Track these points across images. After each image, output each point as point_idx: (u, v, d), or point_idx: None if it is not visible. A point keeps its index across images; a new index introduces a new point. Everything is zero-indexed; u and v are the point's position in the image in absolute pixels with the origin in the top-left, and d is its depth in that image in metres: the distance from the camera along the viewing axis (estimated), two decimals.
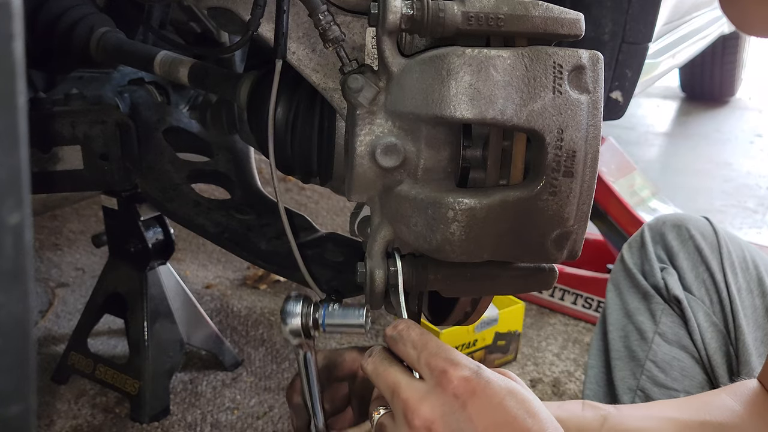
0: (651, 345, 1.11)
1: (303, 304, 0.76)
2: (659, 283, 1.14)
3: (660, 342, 1.10)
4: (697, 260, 1.13)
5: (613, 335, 1.17)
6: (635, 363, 1.12)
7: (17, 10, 0.27)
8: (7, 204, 0.28)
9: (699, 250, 1.13)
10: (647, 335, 1.12)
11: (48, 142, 1.27)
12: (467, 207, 0.70)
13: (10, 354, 0.31)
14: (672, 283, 1.12)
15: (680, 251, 1.14)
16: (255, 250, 1.22)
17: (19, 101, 0.28)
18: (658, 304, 1.13)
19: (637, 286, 1.16)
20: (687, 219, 1.19)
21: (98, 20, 1.28)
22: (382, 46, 0.72)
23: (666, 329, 1.11)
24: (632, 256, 1.20)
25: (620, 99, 1.30)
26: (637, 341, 1.13)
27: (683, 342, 1.09)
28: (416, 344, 0.65)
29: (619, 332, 1.16)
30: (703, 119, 4.73)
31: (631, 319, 1.15)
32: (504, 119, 0.68)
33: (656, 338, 1.11)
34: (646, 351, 1.10)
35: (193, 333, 1.74)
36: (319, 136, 0.97)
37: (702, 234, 1.15)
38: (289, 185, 3.08)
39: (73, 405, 1.66)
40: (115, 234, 1.64)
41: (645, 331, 1.12)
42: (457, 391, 0.59)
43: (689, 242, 1.15)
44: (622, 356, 1.15)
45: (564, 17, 0.71)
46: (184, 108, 1.49)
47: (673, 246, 1.15)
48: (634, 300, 1.16)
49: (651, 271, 1.15)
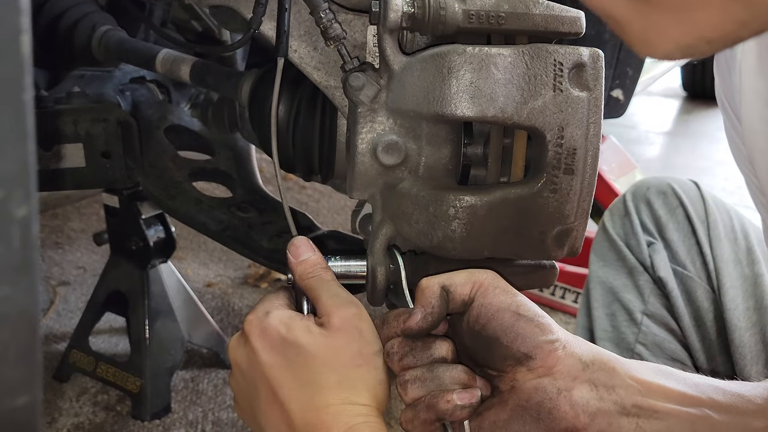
0: (640, 327, 1.06)
1: None
2: (646, 260, 1.08)
3: (649, 323, 1.06)
4: (687, 231, 1.07)
5: (598, 312, 1.11)
6: (624, 345, 1.07)
7: (25, 4, 0.27)
8: (15, 197, 0.28)
9: (689, 218, 1.07)
10: (636, 316, 1.07)
11: (50, 140, 1.27)
12: (468, 204, 0.70)
13: (18, 346, 0.31)
14: (658, 262, 1.06)
15: (669, 221, 1.08)
16: (257, 247, 1.23)
17: (26, 96, 0.28)
18: (647, 282, 1.08)
19: (623, 259, 1.10)
20: (674, 183, 1.12)
21: (100, 18, 1.28)
22: (383, 44, 0.72)
23: (654, 310, 1.06)
24: (615, 226, 1.13)
25: (621, 97, 1.31)
26: (626, 322, 1.08)
27: (671, 325, 1.05)
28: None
29: (606, 309, 1.11)
30: (705, 118, 4.73)
31: (617, 296, 1.09)
32: (505, 117, 0.69)
33: (645, 319, 1.06)
34: (636, 333, 1.06)
35: (195, 331, 1.74)
36: (320, 134, 0.97)
37: (690, 200, 1.09)
38: (290, 184, 3.09)
39: (74, 403, 1.66)
40: (116, 232, 1.64)
41: (633, 311, 1.07)
42: (245, 329, 0.70)
43: (678, 210, 1.09)
44: (609, 337, 1.09)
45: (565, 15, 0.72)
46: (185, 106, 1.49)
47: (661, 216, 1.09)
48: (619, 275, 1.10)
49: (637, 246, 1.09)
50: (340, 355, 0.66)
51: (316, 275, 0.72)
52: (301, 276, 0.73)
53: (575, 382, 0.65)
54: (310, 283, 0.72)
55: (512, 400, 0.66)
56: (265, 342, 0.68)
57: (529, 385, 0.66)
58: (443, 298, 0.67)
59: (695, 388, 0.67)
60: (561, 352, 0.66)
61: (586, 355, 0.67)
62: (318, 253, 0.74)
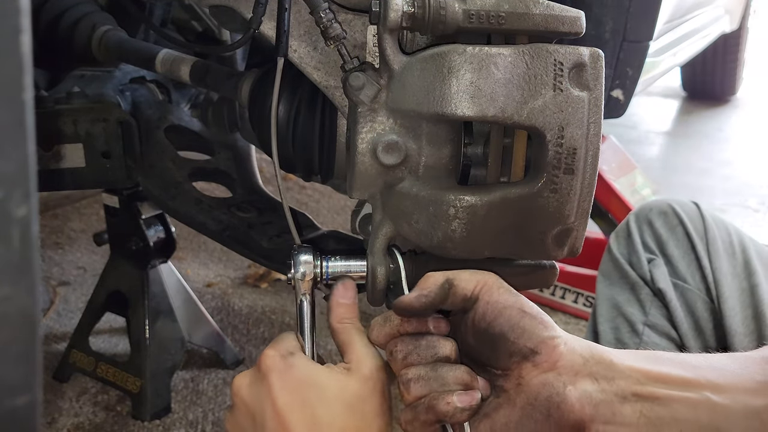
0: (642, 336, 1.10)
1: (311, 253, 0.77)
2: (646, 275, 1.13)
3: (650, 333, 1.10)
4: (687, 247, 1.11)
5: (603, 327, 1.16)
6: None
7: (25, 4, 0.27)
8: (15, 197, 0.28)
9: (689, 235, 1.11)
10: (637, 327, 1.11)
11: (50, 140, 1.27)
12: (468, 204, 0.70)
13: (18, 346, 0.31)
14: (658, 275, 1.11)
15: (669, 239, 1.13)
16: (256, 247, 1.23)
17: (26, 96, 0.28)
18: (647, 295, 1.12)
19: (626, 276, 1.15)
20: (674, 204, 1.17)
21: (100, 18, 1.28)
22: (383, 44, 0.72)
23: (655, 320, 1.10)
24: (619, 246, 1.19)
25: (621, 97, 1.31)
26: (628, 333, 1.12)
27: (671, 334, 1.09)
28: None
29: (610, 323, 1.15)
30: (705, 118, 4.73)
31: (621, 311, 1.14)
32: (505, 117, 0.69)
33: (646, 330, 1.10)
34: (638, 343, 1.09)
35: (195, 331, 1.74)
36: (320, 134, 0.97)
37: (690, 218, 1.13)
38: (289, 184, 3.09)
39: (74, 403, 1.66)
40: (116, 232, 1.64)
41: (635, 322, 1.12)
42: (262, 366, 0.69)
43: (678, 228, 1.13)
44: (613, 348, 1.14)
45: (565, 15, 0.72)
46: (185, 106, 1.49)
47: (662, 234, 1.14)
48: (623, 291, 1.16)
49: (638, 263, 1.14)
50: (364, 402, 0.67)
51: (352, 322, 0.74)
52: (337, 318, 0.74)
53: (577, 376, 0.66)
54: (346, 328, 0.73)
55: (520, 399, 0.67)
56: (285, 382, 0.67)
57: (536, 382, 0.66)
58: (443, 288, 0.69)
59: (693, 371, 0.68)
60: (563, 348, 0.67)
61: (584, 350, 0.68)
62: (356, 303, 0.75)
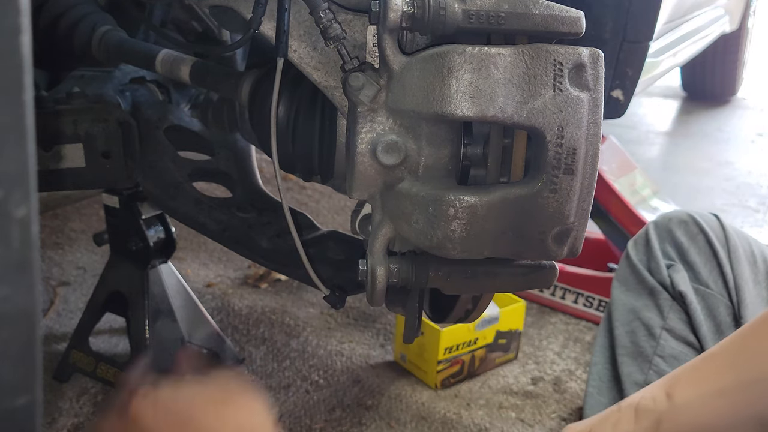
0: (659, 340, 1.11)
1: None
2: (665, 280, 1.14)
3: (668, 337, 1.10)
4: (709, 254, 1.13)
5: (619, 331, 1.17)
6: (642, 358, 1.12)
7: (25, 4, 0.27)
8: (15, 197, 0.28)
9: (710, 243, 1.13)
10: (655, 331, 1.12)
11: (50, 140, 1.27)
12: (468, 204, 0.70)
13: (17, 346, 0.31)
14: (678, 279, 1.12)
15: (690, 246, 1.14)
16: (256, 248, 1.23)
17: (26, 96, 0.28)
18: (666, 299, 1.13)
19: (644, 282, 1.16)
20: (695, 214, 1.19)
21: (100, 19, 1.28)
22: (383, 44, 0.72)
23: (674, 324, 1.11)
24: (638, 253, 1.20)
25: (621, 97, 1.31)
26: (645, 337, 1.13)
27: (689, 339, 1.09)
28: None
29: (626, 328, 1.16)
30: (705, 118, 4.73)
31: (638, 315, 1.15)
32: (504, 117, 0.69)
33: (663, 333, 1.11)
34: (654, 346, 1.10)
35: (195, 331, 1.74)
36: (320, 134, 0.97)
37: (711, 228, 1.15)
38: (289, 184, 3.08)
39: (74, 403, 1.66)
40: (116, 232, 1.64)
41: (652, 326, 1.12)
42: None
43: (700, 236, 1.15)
44: (629, 352, 1.14)
45: (564, 15, 0.72)
46: (185, 106, 1.49)
47: (683, 242, 1.15)
48: (641, 296, 1.16)
49: (657, 268, 1.15)
50: None
51: None
52: None
53: None
54: None
55: None
56: None
57: None
58: None
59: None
60: None
61: None
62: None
